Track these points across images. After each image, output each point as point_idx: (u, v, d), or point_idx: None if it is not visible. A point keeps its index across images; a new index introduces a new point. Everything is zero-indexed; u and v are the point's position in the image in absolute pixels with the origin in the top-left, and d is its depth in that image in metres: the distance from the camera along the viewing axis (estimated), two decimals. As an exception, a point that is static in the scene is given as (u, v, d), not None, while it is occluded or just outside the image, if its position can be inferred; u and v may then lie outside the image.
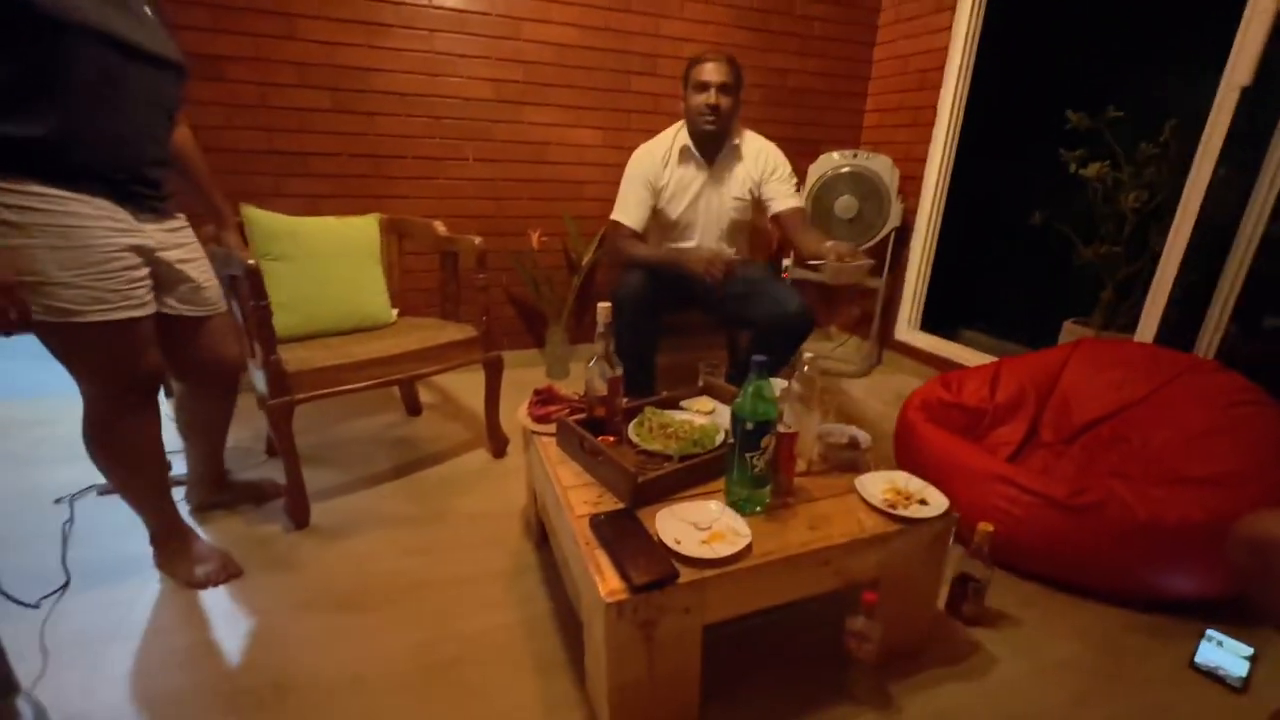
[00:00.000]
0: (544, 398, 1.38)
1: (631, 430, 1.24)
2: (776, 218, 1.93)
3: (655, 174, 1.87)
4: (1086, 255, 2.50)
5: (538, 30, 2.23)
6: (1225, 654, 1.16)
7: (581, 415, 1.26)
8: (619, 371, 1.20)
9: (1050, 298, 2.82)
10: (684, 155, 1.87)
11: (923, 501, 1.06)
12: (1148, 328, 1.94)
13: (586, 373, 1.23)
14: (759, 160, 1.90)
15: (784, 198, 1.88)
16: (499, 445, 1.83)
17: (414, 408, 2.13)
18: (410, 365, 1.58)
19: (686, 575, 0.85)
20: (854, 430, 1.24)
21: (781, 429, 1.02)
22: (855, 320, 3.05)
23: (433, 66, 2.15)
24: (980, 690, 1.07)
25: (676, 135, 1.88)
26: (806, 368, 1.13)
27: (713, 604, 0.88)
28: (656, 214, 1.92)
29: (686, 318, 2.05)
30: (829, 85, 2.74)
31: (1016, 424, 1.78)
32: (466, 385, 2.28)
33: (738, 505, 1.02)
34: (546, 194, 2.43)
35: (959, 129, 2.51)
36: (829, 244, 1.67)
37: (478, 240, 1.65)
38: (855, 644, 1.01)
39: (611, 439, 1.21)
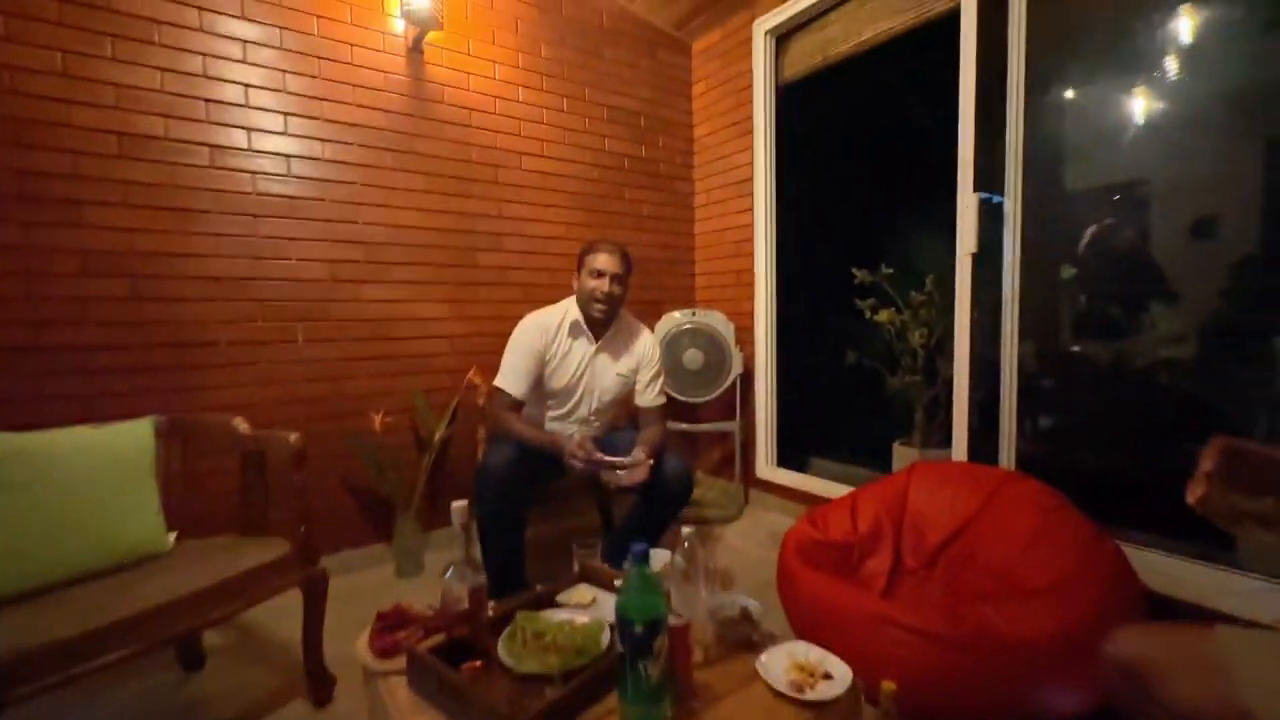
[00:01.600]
0: (390, 623, 1.15)
1: (502, 647, 1.06)
2: (636, 408, 2.04)
3: (544, 344, 1.89)
4: (894, 385, 2.88)
5: (378, 214, 2.24)
6: (1120, 771, 1.17)
7: (438, 639, 1.05)
8: (482, 579, 1.04)
9: (877, 422, 3.17)
10: (574, 329, 1.93)
11: (827, 675, 1.00)
12: (959, 445, 2.22)
13: (442, 585, 1.05)
14: (642, 349, 2.02)
15: (649, 395, 2.01)
16: (323, 689, 1.45)
17: (193, 659, 1.62)
18: (195, 611, 1.21)
19: None
20: (744, 600, 1.18)
21: (673, 621, 0.92)
22: (718, 463, 3.13)
23: (257, 250, 2.02)
24: None
25: (568, 310, 1.95)
26: (687, 543, 1.07)
27: None
28: (541, 381, 1.91)
29: (555, 484, 1.95)
30: (662, 254, 3.06)
31: (882, 554, 1.85)
32: (272, 612, 1.65)
33: (636, 728, 0.87)
34: (390, 370, 2.29)
35: (775, 286, 2.88)
36: (631, 459, 1.71)
37: (292, 437, 1.43)
38: None
39: (479, 664, 1.02)
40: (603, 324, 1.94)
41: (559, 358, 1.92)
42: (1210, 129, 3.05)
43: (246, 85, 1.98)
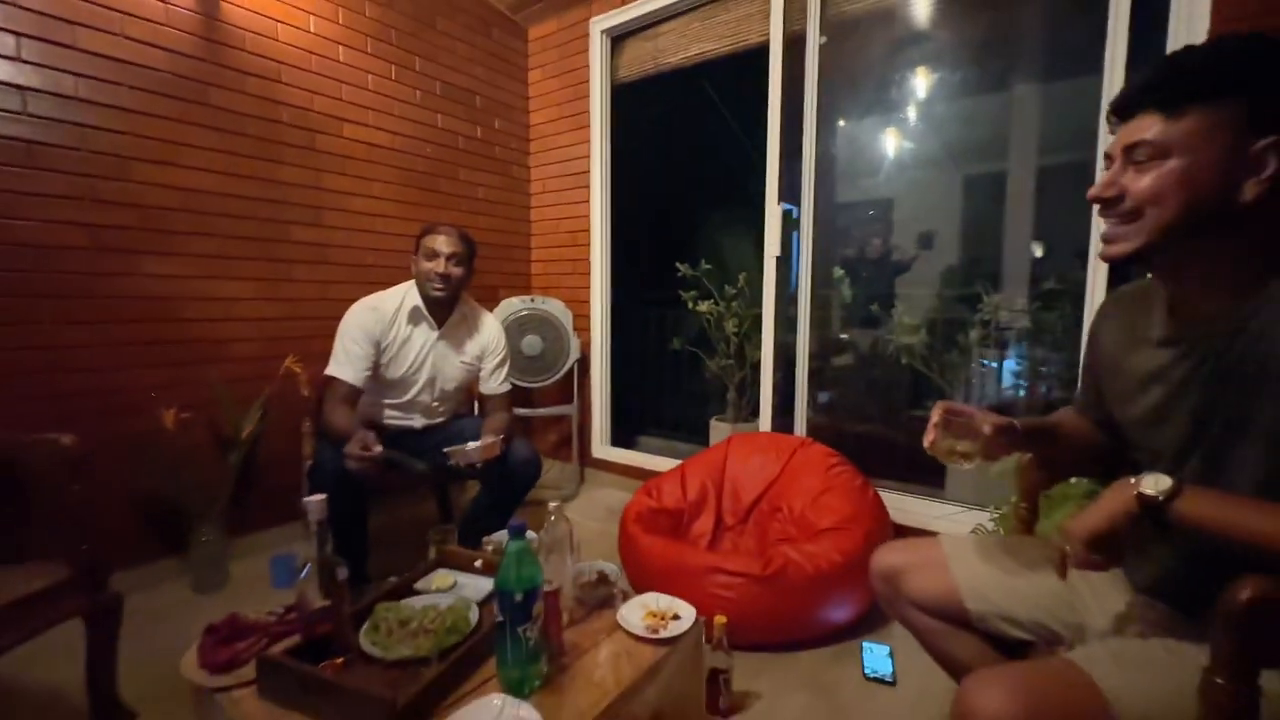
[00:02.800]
0: (224, 634, 1.04)
1: (365, 640, 1.04)
2: (481, 395, 2.05)
3: (381, 330, 1.78)
4: (712, 368, 3.25)
5: (158, 173, 1.88)
6: (877, 658, 1.55)
7: (291, 642, 0.99)
8: (343, 573, 1.00)
9: (697, 401, 3.55)
10: (414, 315, 1.84)
11: (675, 616, 1.16)
12: (765, 418, 2.61)
13: (298, 585, 0.99)
14: (487, 336, 2.00)
15: (494, 382, 2.01)
16: (117, 728, 1.25)
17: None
18: None
19: (487, 804, 0.73)
20: (601, 564, 1.29)
21: (546, 587, 1.00)
22: (555, 445, 3.22)
23: (-24, 205, 1.58)
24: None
25: (406, 294, 1.85)
26: (554, 518, 1.16)
27: (519, 824, 0.77)
28: (377, 370, 1.80)
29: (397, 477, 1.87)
30: (499, 239, 3.02)
31: (706, 516, 2.12)
32: (38, 654, 1.22)
33: (516, 689, 0.94)
34: (180, 358, 1.96)
35: (610, 275, 3.04)
36: (480, 443, 1.70)
37: (67, 439, 1.20)
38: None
39: (340, 661, 0.99)
40: (444, 308, 1.89)
41: (397, 345, 1.83)
42: (932, 164, 3.94)
43: (-47, -11, 1.52)
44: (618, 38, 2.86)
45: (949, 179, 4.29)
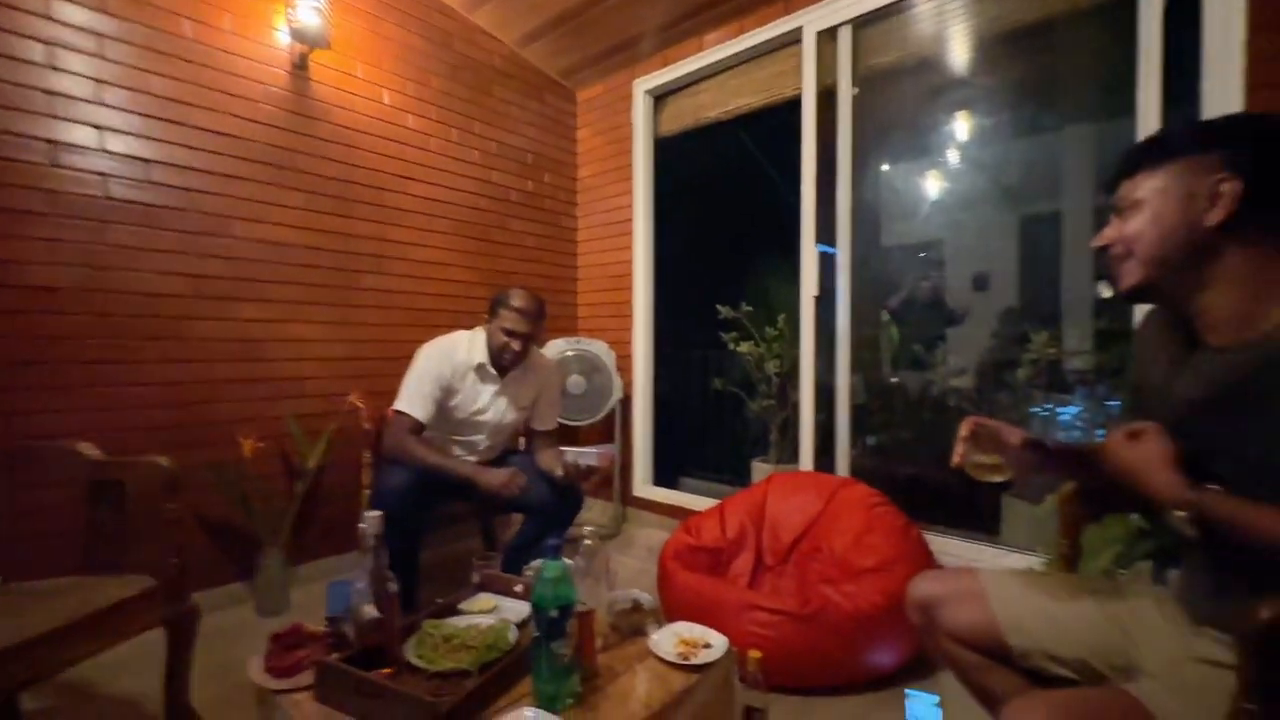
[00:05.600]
0: (288, 643, 1.13)
1: (411, 652, 1.10)
2: (531, 430, 2.16)
3: (451, 379, 1.87)
4: (754, 409, 3.25)
5: (251, 229, 2.12)
6: (922, 706, 1.49)
7: (346, 651, 1.07)
8: (394, 588, 1.08)
9: (738, 442, 3.54)
10: (481, 372, 1.93)
11: (707, 645, 1.18)
12: (806, 458, 2.59)
13: (353, 596, 1.07)
14: (544, 381, 2.10)
15: (545, 420, 2.13)
16: (191, 732, 1.35)
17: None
18: (44, 654, 1.09)
19: (519, 807, 0.77)
20: (636, 593, 1.32)
21: (579, 608, 1.05)
22: (597, 485, 3.27)
23: (102, 259, 1.82)
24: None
25: (472, 347, 1.93)
26: (589, 542, 1.21)
27: (549, 833, 0.80)
28: (443, 411, 1.89)
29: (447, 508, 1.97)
30: (547, 284, 3.18)
31: (746, 555, 2.11)
32: (114, 663, 1.40)
33: (549, 704, 0.97)
34: (258, 394, 2.15)
35: (652, 317, 3.14)
36: (560, 469, 1.89)
37: (164, 461, 1.35)
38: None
39: (388, 670, 1.05)
40: (509, 369, 1.99)
41: (463, 395, 1.92)
42: (985, 205, 3.92)
43: (98, 80, 1.81)
44: (659, 96, 3.05)
45: (1005, 219, 4.24)
